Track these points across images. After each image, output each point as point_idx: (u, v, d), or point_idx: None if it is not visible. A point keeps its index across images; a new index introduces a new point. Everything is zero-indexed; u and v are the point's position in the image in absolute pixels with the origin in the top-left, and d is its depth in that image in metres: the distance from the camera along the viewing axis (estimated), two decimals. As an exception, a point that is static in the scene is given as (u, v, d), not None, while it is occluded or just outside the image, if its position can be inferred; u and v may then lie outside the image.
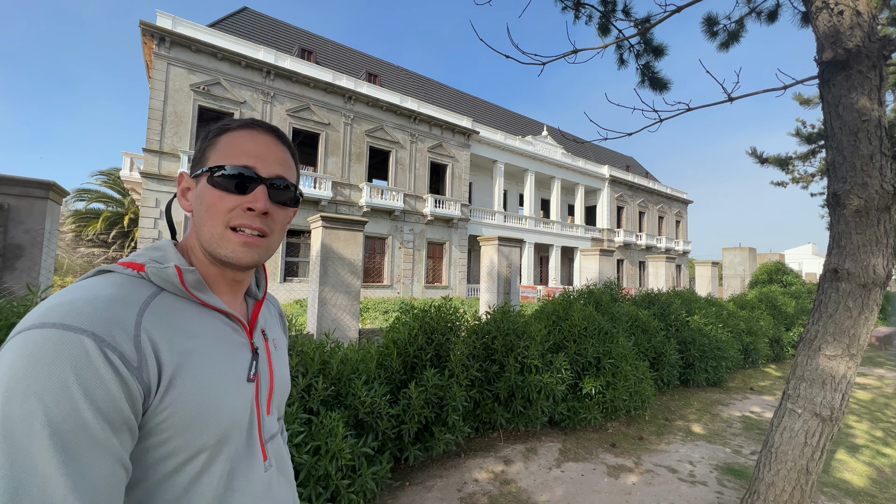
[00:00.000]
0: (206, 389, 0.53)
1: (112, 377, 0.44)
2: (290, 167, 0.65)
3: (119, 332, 0.46)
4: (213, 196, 0.58)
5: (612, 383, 3.93)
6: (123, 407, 0.44)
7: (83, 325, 0.44)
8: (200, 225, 0.59)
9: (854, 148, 2.10)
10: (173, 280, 0.55)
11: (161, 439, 0.49)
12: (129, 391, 0.45)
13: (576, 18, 3.74)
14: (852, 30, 2.09)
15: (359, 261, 4.89)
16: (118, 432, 0.44)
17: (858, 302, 2.11)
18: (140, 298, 0.51)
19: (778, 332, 7.86)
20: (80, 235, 21.38)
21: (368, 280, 18.32)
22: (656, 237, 32.15)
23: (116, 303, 0.48)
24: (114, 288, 0.50)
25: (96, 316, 0.45)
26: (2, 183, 3.20)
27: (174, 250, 0.60)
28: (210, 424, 0.53)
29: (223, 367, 0.57)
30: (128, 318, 0.48)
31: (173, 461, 0.51)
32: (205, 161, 0.60)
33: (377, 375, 2.94)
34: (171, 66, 13.93)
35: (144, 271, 0.55)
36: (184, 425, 0.50)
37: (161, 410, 0.48)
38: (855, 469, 3.34)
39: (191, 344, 0.54)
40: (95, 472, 0.42)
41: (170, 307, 0.54)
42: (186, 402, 0.51)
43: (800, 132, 8.49)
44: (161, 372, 0.49)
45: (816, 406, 2.17)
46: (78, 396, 0.41)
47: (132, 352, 0.46)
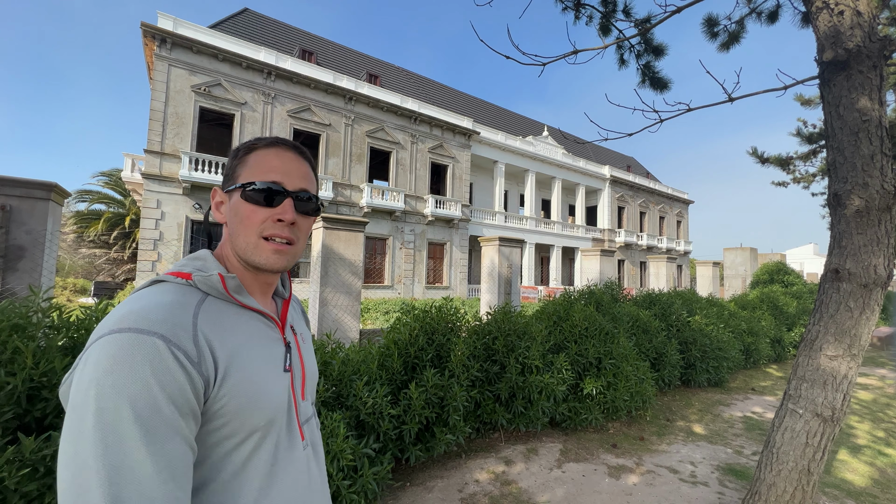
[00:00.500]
0: (253, 379, 0.61)
1: (180, 371, 0.52)
2: (312, 180, 0.72)
3: (182, 333, 0.54)
4: (247, 209, 0.65)
5: (613, 384, 3.93)
6: (189, 396, 0.53)
7: (153, 329, 0.52)
8: (236, 235, 0.67)
9: (855, 148, 2.10)
10: (217, 286, 0.63)
11: (220, 423, 0.58)
12: (193, 382, 0.53)
13: (576, 19, 3.74)
14: (853, 30, 2.09)
15: (359, 261, 4.90)
16: (186, 417, 0.52)
17: (860, 302, 2.11)
18: (192, 303, 0.59)
19: (779, 333, 7.84)
20: (82, 236, 21.43)
21: (369, 281, 18.33)
22: (657, 237, 32.12)
23: (175, 308, 0.56)
24: (170, 295, 0.58)
25: (162, 320, 0.53)
26: (4, 184, 3.20)
27: (214, 259, 0.68)
28: (259, 409, 0.61)
29: (264, 359, 0.65)
30: (186, 321, 0.56)
31: (231, 442, 0.59)
32: (236, 177, 0.67)
33: (378, 376, 2.94)
34: (172, 68, 13.96)
35: (192, 279, 0.62)
36: (238, 410, 0.59)
37: (219, 398, 0.57)
38: (857, 469, 3.33)
39: (237, 340, 0.62)
40: (172, 451, 0.50)
41: (216, 310, 0.62)
42: (239, 390, 0.58)
43: (801, 132, 8.48)
44: (217, 365, 0.57)
45: (818, 406, 2.17)
46: (155, 388, 0.49)
47: (193, 349, 0.54)
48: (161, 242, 13.52)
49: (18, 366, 1.58)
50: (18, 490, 1.38)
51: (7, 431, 1.55)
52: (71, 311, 2.04)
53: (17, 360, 1.60)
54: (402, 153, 19.80)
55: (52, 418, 1.65)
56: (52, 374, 1.64)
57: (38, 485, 1.43)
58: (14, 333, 1.69)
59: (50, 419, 1.65)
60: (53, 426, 1.65)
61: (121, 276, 21.41)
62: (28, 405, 1.62)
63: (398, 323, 3.51)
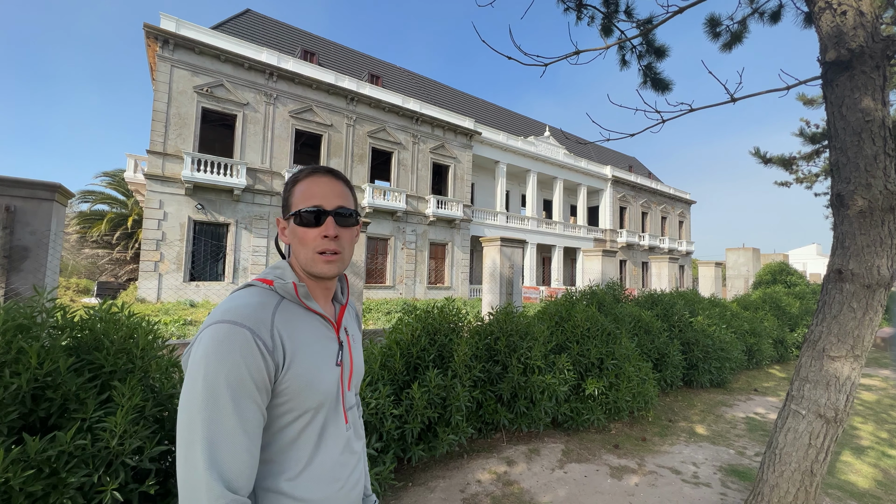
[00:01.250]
0: (311, 369, 0.77)
1: (259, 356, 0.69)
2: (348, 196, 0.87)
3: (262, 327, 0.71)
4: (301, 232, 0.81)
5: (615, 384, 3.92)
6: (264, 375, 0.70)
7: (244, 322, 0.69)
8: (297, 253, 0.83)
9: (858, 148, 2.10)
10: (291, 291, 0.79)
11: (282, 400, 0.74)
12: (268, 366, 0.70)
13: (578, 20, 3.74)
14: (855, 30, 2.09)
15: (361, 262, 4.91)
16: (261, 391, 0.70)
17: (863, 303, 2.10)
18: (272, 304, 0.76)
19: (782, 333, 7.81)
20: (85, 237, 21.50)
21: (371, 281, 18.34)
22: (659, 237, 32.05)
23: (260, 308, 0.74)
24: (257, 297, 0.76)
25: (250, 316, 0.71)
26: (8, 185, 3.22)
27: (290, 269, 0.84)
28: (313, 393, 0.77)
29: (321, 354, 0.81)
30: (267, 318, 0.73)
31: (289, 416, 0.75)
32: (289, 207, 0.84)
33: (381, 376, 2.95)
34: (174, 69, 14.01)
35: (273, 285, 0.79)
36: (297, 392, 0.74)
37: (285, 381, 0.73)
38: (860, 471, 3.32)
39: (302, 337, 0.78)
40: (250, 414, 0.68)
41: (289, 311, 0.78)
42: (299, 376, 0.74)
43: (804, 132, 8.45)
44: (285, 355, 0.73)
45: (821, 407, 2.17)
46: (242, 366, 0.67)
47: (270, 341, 0.71)
48: (163, 243, 13.56)
49: (23, 366, 1.59)
50: (24, 490, 1.39)
51: (12, 431, 1.56)
52: (75, 312, 2.05)
53: (21, 360, 1.61)
54: (404, 153, 19.81)
55: (55, 418, 1.66)
56: (56, 375, 1.65)
57: (42, 485, 1.44)
58: (19, 333, 1.70)
59: (54, 419, 1.66)
60: (58, 426, 1.66)
61: (123, 277, 21.48)
62: (32, 405, 1.63)
63: (400, 323, 3.51)
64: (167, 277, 13.52)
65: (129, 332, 2.02)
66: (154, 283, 13.30)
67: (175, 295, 13.47)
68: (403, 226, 19.44)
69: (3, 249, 3.21)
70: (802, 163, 9.04)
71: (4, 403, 1.51)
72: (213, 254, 14.75)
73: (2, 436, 1.45)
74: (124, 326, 2.03)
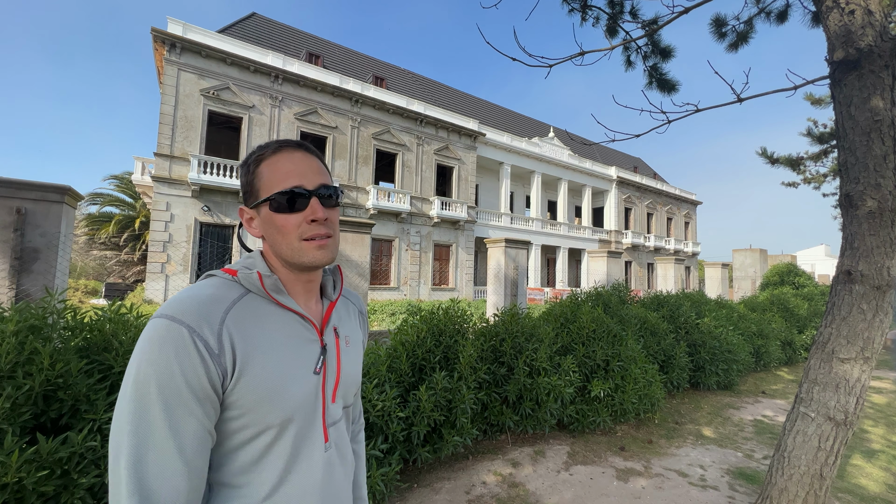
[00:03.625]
0: (272, 377, 0.64)
1: (198, 359, 0.57)
2: (325, 172, 0.73)
3: (206, 326, 0.59)
4: (280, 219, 0.68)
5: (620, 386, 3.90)
6: (205, 383, 0.58)
7: (183, 318, 0.58)
8: (278, 245, 0.69)
9: (867, 148, 2.08)
10: (256, 283, 0.67)
11: (235, 414, 0.62)
12: (210, 371, 0.58)
13: (583, 20, 3.74)
14: (864, 29, 2.07)
15: (366, 263, 4.92)
16: (202, 402, 0.58)
17: (872, 304, 2.08)
18: (230, 298, 0.64)
19: (790, 335, 7.74)
20: (93, 238, 21.74)
21: (375, 282, 18.38)
22: (665, 238, 31.85)
23: (210, 302, 0.62)
24: (212, 289, 0.64)
25: (193, 312, 0.59)
26: (20, 188, 3.27)
27: (262, 259, 0.71)
28: (275, 406, 0.63)
29: (290, 359, 0.67)
30: (215, 315, 0.61)
31: (245, 433, 0.63)
32: (256, 192, 0.70)
33: (387, 378, 2.96)
34: (181, 72, 14.15)
35: (237, 276, 0.67)
36: (253, 404, 0.62)
37: (236, 391, 0.61)
38: (871, 474, 3.28)
39: (264, 339, 0.65)
40: (184, 426, 0.56)
41: (252, 307, 0.66)
42: (255, 385, 0.62)
43: (811, 132, 8.38)
44: (235, 360, 0.61)
45: (830, 410, 2.15)
46: (176, 369, 0.56)
47: (215, 342, 0.59)
48: (170, 244, 13.68)
49: (36, 367, 1.61)
50: (36, 490, 1.41)
51: (25, 431, 1.58)
52: (85, 313, 2.08)
53: (34, 360, 1.63)
54: (408, 155, 19.86)
55: (67, 418, 1.68)
56: (67, 375, 1.67)
57: (54, 485, 1.46)
58: (31, 334, 1.72)
59: (65, 419, 1.68)
60: (69, 426, 1.68)
61: (131, 278, 21.68)
62: (44, 405, 1.65)
63: (405, 324, 3.52)
64: (174, 279, 13.64)
65: (138, 333, 2.04)
66: (161, 285, 13.41)
67: (182, 296, 13.56)
68: (408, 227, 19.48)
69: (14, 251, 3.26)
70: (810, 163, 8.97)
71: (18, 404, 1.53)
72: (219, 255, 14.86)
73: (15, 436, 1.47)
74: (133, 327, 2.06)
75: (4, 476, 1.34)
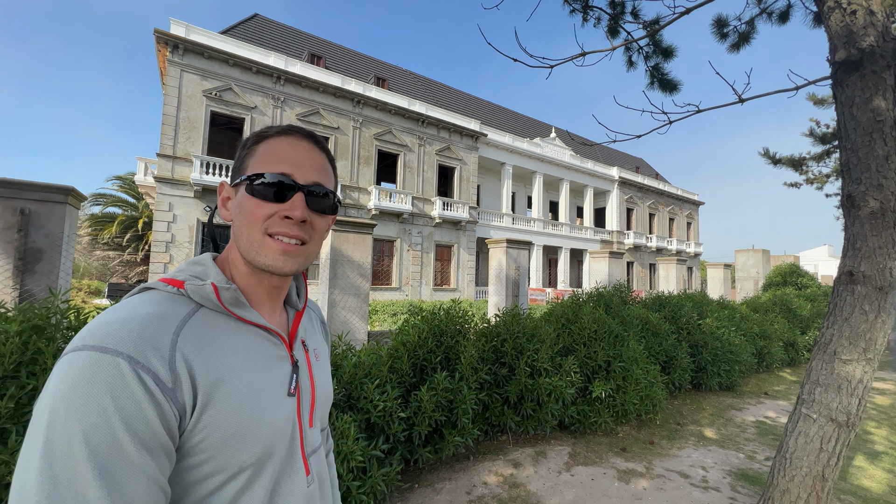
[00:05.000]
0: (244, 407, 0.52)
1: (146, 399, 0.43)
2: (328, 173, 0.64)
3: (153, 354, 0.45)
4: (252, 204, 0.57)
5: (622, 387, 3.90)
6: (157, 429, 0.44)
7: (118, 347, 0.44)
8: (239, 233, 0.58)
9: (869, 149, 2.08)
10: (211, 297, 0.54)
11: (199, 460, 0.49)
12: (163, 413, 0.44)
13: (584, 21, 3.74)
14: (865, 29, 2.07)
15: (368, 263, 4.93)
16: (154, 454, 0.44)
17: (875, 305, 2.07)
18: (178, 316, 0.51)
19: (793, 336, 7.71)
20: (96, 239, 21.84)
21: (377, 282, 18.39)
22: (667, 239, 31.78)
23: (153, 322, 0.48)
24: (152, 306, 0.50)
25: (132, 337, 0.45)
26: (23, 188, 3.29)
27: (214, 265, 0.59)
28: (249, 442, 0.52)
29: (262, 382, 0.56)
30: (163, 339, 0.47)
31: (213, 481, 0.50)
32: (244, 170, 0.60)
33: (388, 379, 2.96)
34: (184, 73, 14.20)
35: (184, 288, 0.54)
36: (222, 444, 0.50)
37: (198, 431, 0.48)
38: (873, 476, 3.27)
39: (228, 361, 0.53)
40: (132, 494, 0.41)
41: (208, 324, 0.53)
42: (224, 421, 0.50)
43: (813, 132, 8.35)
44: (196, 392, 0.48)
45: (832, 411, 2.14)
46: (114, 419, 0.41)
47: (166, 373, 0.46)
48: (173, 245, 13.72)
49: (39, 367, 1.62)
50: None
51: (28, 430, 1.59)
52: (88, 313, 2.09)
53: (38, 360, 1.65)
54: (410, 155, 19.88)
55: (70, 417, 1.69)
56: (70, 375, 1.68)
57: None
58: (34, 334, 1.74)
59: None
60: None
61: (134, 278, 21.77)
62: (48, 404, 1.66)
63: (407, 325, 3.53)
64: (176, 279, 13.68)
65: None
66: (163, 285, 13.46)
67: (184, 296, 13.62)
68: (409, 227, 19.49)
69: (17, 251, 3.28)
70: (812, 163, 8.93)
71: (21, 403, 1.54)
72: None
73: (19, 435, 1.48)
74: (136, 328, 2.06)
75: (8, 475, 1.35)
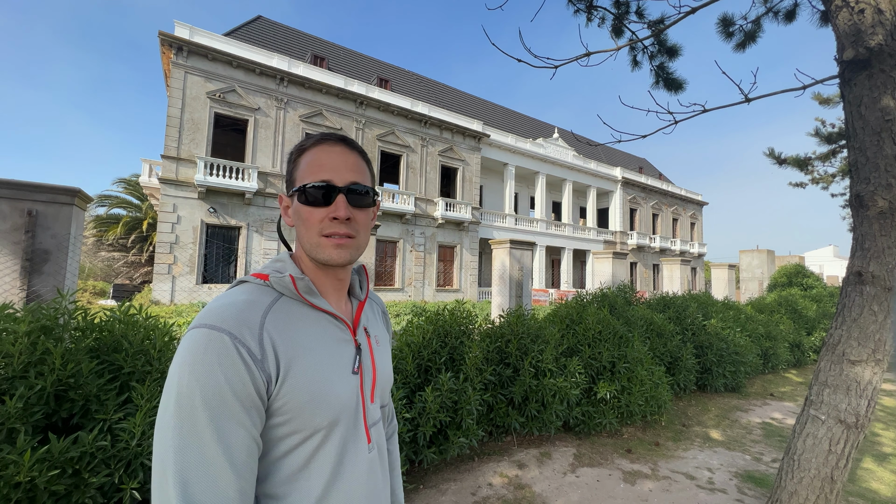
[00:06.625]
0: (315, 381, 0.63)
1: (242, 366, 0.56)
2: (364, 171, 0.73)
3: (247, 332, 0.58)
4: (305, 211, 0.69)
5: (627, 388, 3.88)
6: (251, 391, 0.56)
7: (223, 326, 0.57)
8: (301, 237, 0.71)
9: (878, 148, 2.06)
10: (289, 287, 0.66)
11: (282, 420, 0.60)
12: (255, 378, 0.57)
13: (588, 21, 3.73)
14: (874, 28, 2.05)
15: (371, 264, 4.93)
16: (248, 411, 0.56)
17: (884, 305, 2.05)
18: (265, 303, 0.64)
19: (799, 337, 7.65)
20: (101, 240, 21.97)
21: (380, 283, 18.40)
22: (671, 239, 31.64)
23: (247, 307, 0.61)
24: (246, 295, 0.64)
25: (232, 318, 0.58)
26: (30, 190, 3.31)
27: (291, 261, 0.71)
28: (320, 409, 0.63)
29: (330, 361, 0.67)
30: (254, 320, 0.60)
31: (293, 439, 0.62)
32: (293, 181, 0.71)
33: (393, 379, 2.96)
34: (188, 75, 14.27)
35: (269, 280, 0.67)
36: (299, 409, 0.61)
37: (281, 397, 0.60)
38: (882, 478, 3.24)
39: (303, 341, 0.64)
40: (233, 438, 0.54)
41: (288, 310, 0.65)
42: (300, 390, 0.61)
43: (819, 132, 8.29)
44: (279, 364, 0.60)
45: (841, 413, 2.12)
46: (220, 379, 0.54)
47: (257, 347, 0.58)
48: (177, 245, 13.78)
49: (48, 367, 1.63)
50: (48, 489, 1.43)
51: (37, 431, 1.60)
52: (95, 314, 2.10)
53: (46, 360, 1.65)
54: (413, 156, 19.89)
55: (78, 418, 1.70)
56: (78, 376, 1.69)
57: (66, 485, 1.48)
58: (42, 335, 1.75)
59: (76, 419, 1.70)
60: (80, 426, 1.70)
61: (138, 279, 21.88)
62: (56, 405, 1.67)
63: (411, 326, 3.52)
64: (180, 280, 13.74)
65: (147, 334, 2.06)
66: (168, 286, 13.52)
67: (188, 297, 13.67)
68: (412, 228, 19.50)
69: (24, 252, 3.30)
70: (818, 163, 8.86)
71: (30, 403, 1.55)
72: (225, 256, 14.96)
73: (27, 435, 1.49)
74: (142, 328, 2.07)
75: (17, 475, 1.36)
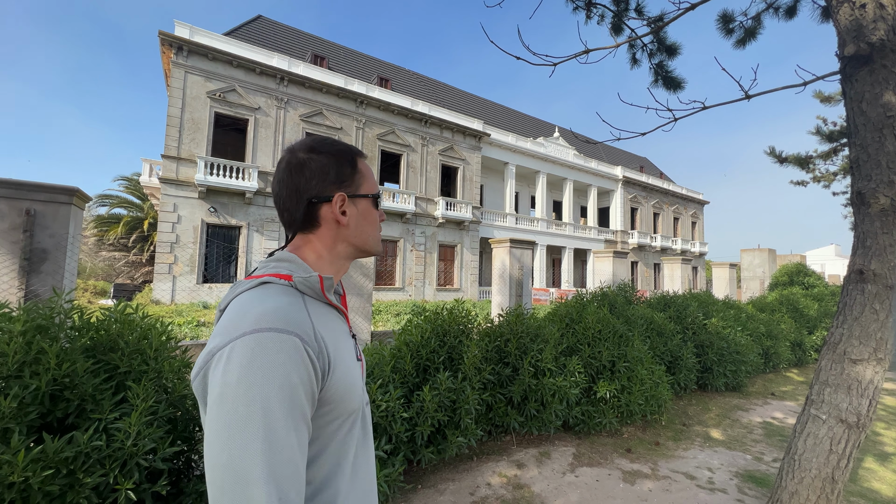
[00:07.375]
0: (347, 370, 0.69)
1: (309, 364, 0.60)
2: None
3: (309, 332, 0.62)
4: (374, 214, 0.81)
5: (627, 387, 3.86)
6: (314, 388, 0.61)
7: (290, 328, 0.59)
8: (364, 234, 0.79)
9: (879, 145, 2.04)
10: (316, 287, 0.69)
11: (329, 408, 0.65)
12: (316, 374, 0.61)
13: (587, 18, 3.71)
14: (876, 23, 2.03)
15: (371, 263, 4.92)
16: (309, 403, 0.60)
17: (886, 304, 2.04)
18: (301, 303, 0.66)
19: (800, 336, 7.63)
20: (102, 239, 22.01)
21: (380, 283, 18.41)
22: (671, 238, 31.59)
23: (295, 309, 0.64)
24: (284, 297, 0.65)
25: (293, 320, 0.61)
26: (28, 189, 3.30)
27: (301, 262, 0.73)
28: (354, 395, 0.70)
29: (349, 352, 0.73)
30: (307, 320, 0.63)
31: (336, 423, 0.68)
32: (356, 185, 0.78)
33: (391, 379, 2.95)
34: (188, 75, 14.27)
35: (292, 281, 0.68)
36: (340, 396, 0.66)
37: (329, 388, 0.64)
38: (884, 478, 3.22)
39: (334, 336, 0.69)
40: (301, 430, 0.58)
41: (316, 308, 0.69)
42: (340, 380, 0.66)
43: (820, 130, 8.25)
44: (329, 360, 0.65)
45: (842, 412, 2.10)
46: (295, 379, 0.57)
47: (315, 346, 0.62)
48: (178, 245, 13.79)
49: (43, 366, 1.62)
50: (42, 489, 1.42)
51: (31, 431, 1.59)
52: (91, 313, 2.09)
53: (41, 360, 1.64)
54: (413, 156, 19.88)
55: (73, 418, 1.69)
56: (73, 375, 1.68)
57: (60, 485, 1.47)
58: (38, 334, 1.74)
59: (71, 419, 1.69)
60: (75, 426, 1.69)
61: (139, 279, 21.91)
62: (51, 405, 1.66)
63: (410, 325, 3.51)
64: (181, 279, 13.75)
65: (143, 334, 2.05)
66: (168, 285, 13.53)
67: (189, 297, 13.68)
68: (413, 228, 19.49)
69: (23, 252, 3.29)
70: (819, 161, 8.83)
71: (24, 403, 1.54)
72: (225, 256, 14.97)
73: (22, 435, 1.48)
74: (138, 328, 2.06)
75: (11, 475, 1.35)
